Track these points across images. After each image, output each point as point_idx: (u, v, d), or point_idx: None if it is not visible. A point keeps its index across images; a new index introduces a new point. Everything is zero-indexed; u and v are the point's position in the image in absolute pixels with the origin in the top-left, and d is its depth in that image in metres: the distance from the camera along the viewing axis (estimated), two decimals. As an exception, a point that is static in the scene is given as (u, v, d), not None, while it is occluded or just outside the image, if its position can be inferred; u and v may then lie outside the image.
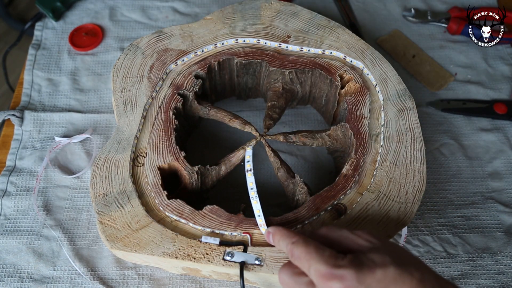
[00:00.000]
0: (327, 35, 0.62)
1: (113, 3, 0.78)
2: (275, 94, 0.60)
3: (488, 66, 0.73)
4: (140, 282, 0.54)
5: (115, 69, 0.60)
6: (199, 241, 0.49)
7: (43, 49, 0.73)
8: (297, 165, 0.64)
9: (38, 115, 0.66)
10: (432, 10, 0.78)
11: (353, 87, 0.58)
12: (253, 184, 0.48)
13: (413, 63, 0.73)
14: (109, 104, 0.68)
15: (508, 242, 0.58)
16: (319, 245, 0.39)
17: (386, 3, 0.80)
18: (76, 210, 0.59)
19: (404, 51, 0.74)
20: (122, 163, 0.54)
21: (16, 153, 0.64)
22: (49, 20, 0.77)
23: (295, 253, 0.40)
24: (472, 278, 0.55)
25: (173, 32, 0.62)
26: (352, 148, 0.55)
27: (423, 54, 0.74)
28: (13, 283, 0.54)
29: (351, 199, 0.52)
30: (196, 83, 0.59)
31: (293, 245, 0.40)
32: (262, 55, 0.60)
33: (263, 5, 0.64)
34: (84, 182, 0.61)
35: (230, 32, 0.62)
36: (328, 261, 0.38)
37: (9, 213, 0.59)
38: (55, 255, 0.56)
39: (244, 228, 0.49)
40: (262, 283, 0.49)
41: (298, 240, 0.40)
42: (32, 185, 0.61)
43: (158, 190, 0.52)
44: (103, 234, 0.49)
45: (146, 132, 0.56)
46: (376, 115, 0.57)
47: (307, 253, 0.39)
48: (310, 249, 0.39)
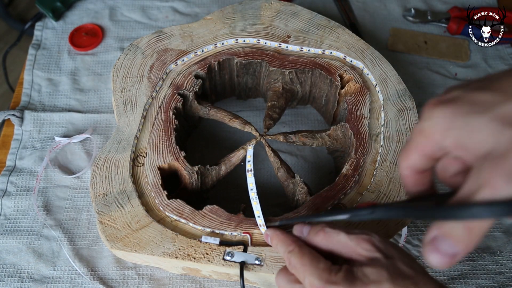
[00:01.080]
0: (327, 35, 0.62)
1: (113, 3, 0.78)
2: (275, 94, 0.60)
3: (488, 66, 0.73)
4: (140, 282, 0.54)
5: (115, 69, 0.60)
6: (199, 241, 0.49)
7: (43, 49, 0.73)
8: (297, 165, 0.64)
9: (38, 115, 0.66)
10: (432, 10, 0.78)
11: (353, 87, 0.58)
12: (253, 185, 0.48)
13: (430, 48, 0.74)
14: (109, 104, 0.68)
15: (508, 242, 0.58)
16: (315, 256, 0.39)
17: (386, 3, 0.80)
18: (76, 210, 0.59)
19: (415, 42, 0.74)
20: (122, 163, 0.54)
21: (16, 153, 0.64)
22: (49, 20, 0.77)
23: (291, 262, 0.40)
24: (472, 278, 0.55)
25: (173, 32, 0.62)
26: (352, 148, 0.55)
27: (431, 36, 0.75)
28: (13, 283, 0.54)
29: (351, 199, 0.52)
30: (196, 83, 0.59)
31: (290, 254, 0.41)
32: (262, 55, 0.60)
33: (263, 5, 0.64)
34: (84, 182, 0.61)
35: (230, 32, 0.62)
36: (321, 275, 0.37)
37: (9, 213, 0.59)
38: (55, 255, 0.56)
39: (244, 228, 0.49)
40: (262, 283, 0.49)
41: (294, 249, 0.40)
42: (32, 185, 0.61)
43: (158, 190, 0.52)
44: (103, 234, 0.49)
45: (146, 132, 0.56)
46: (376, 115, 0.57)
47: (302, 265, 0.39)
48: (305, 261, 0.39)
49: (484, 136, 0.26)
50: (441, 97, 0.30)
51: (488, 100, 0.27)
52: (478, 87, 0.29)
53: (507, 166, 0.25)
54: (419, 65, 0.73)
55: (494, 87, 0.28)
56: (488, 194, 0.26)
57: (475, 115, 0.27)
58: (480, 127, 0.27)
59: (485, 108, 0.27)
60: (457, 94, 0.29)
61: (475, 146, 0.27)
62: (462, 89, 0.29)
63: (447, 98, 0.29)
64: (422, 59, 0.74)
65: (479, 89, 0.28)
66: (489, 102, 0.27)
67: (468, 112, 0.27)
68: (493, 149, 0.26)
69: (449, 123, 0.28)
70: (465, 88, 0.29)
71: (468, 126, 0.27)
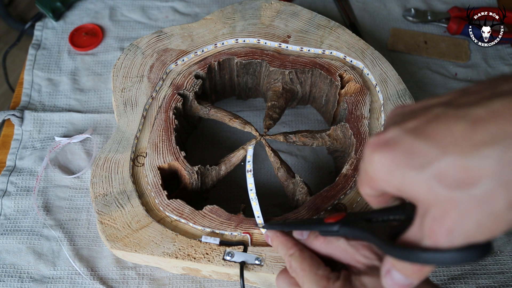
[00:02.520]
0: (327, 35, 0.62)
1: (113, 3, 0.78)
2: (275, 94, 0.60)
3: (488, 66, 0.73)
4: (140, 282, 0.54)
5: (115, 69, 0.60)
6: (199, 241, 0.49)
7: (43, 49, 0.73)
8: (297, 165, 0.64)
9: (38, 115, 0.66)
10: (432, 10, 0.78)
11: (353, 87, 0.58)
12: (253, 186, 0.48)
13: (430, 48, 0.74)
14: (109, 104, 0.68)
15: (508, 242, 0.58)
16: (315, 262, 0.40)
17: (386, 3, 0.80)
18: (76, 210, 0.59)
19: (415, 42, 0.74)
20: (122, 163, 0.54)
21: (16, 153, 0.64)
22: (49, 20, 0.77)
23: (292, 266, 0.40)
24: (472, 278, 0.55)
25: (173, 32, 0.62)
26: (352, 148, 0.55)
27: (431, 36, 0.75)
28: (13, 283, 0.54)
29: (351, 199, 0.52)
30: (196, 83, 0.59)
31: (290, 257, 0.41)
32: (262, 55, 0.60)
33: (263, 5, 0.64)
34: (84, 182, 0.61)
35: (230, 32, 0.62)
36: (319, 283, 0.38)
37: (9, 213, 0.59)
38: (55, 255, 0.56)
39: (244, 228, 0.49)
40: (262, 283, 0.49)
41: (295, 253, 0.41)
42: (32, 185, 0.61)
43: (158, 190, 0.52)
44: (103, 234, 0.49)
45: (146, 132, 0.56)
46: (376, 115, 0.57)
47: (301, 269, 0.39)
48: (305, 266, 0.39)
49: (422, 193, 0.27)
50: (379, 137, 0.29)
51: (425, 153, 0.26)
52: (415, 130, 0.28)
53: (446, 225, 0.26)
54: (419, 65, 0.73)
55: (430, 135, 0.27)
56: (430, 246, 0.28)
57: (412, 170, 0.27)
58: (418, 184, 0.27)
59: (422, 162, 0.26)
60: (395, 136, 0.28)
61: (414, 199, 0.28)
62: (399, 128, 0.28)
63: (385, 139, 0.29)
64: (422, 59, 0.74)
65: (416, 134, 0.27)
66: (426, 156, 0.26)
67: (406, 164, 0.27)
68: (433, 207, 0.27)
69: (388, 173, 0.28)
70: (403, 128, 0.28)
71: (407, 180, 0.27)
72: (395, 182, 0.28)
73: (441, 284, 0.55)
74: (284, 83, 0.61)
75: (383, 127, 0.31)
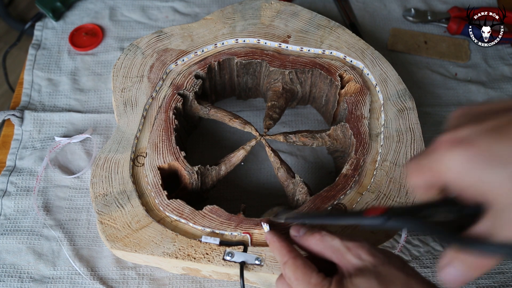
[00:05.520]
0: (327, 35, 0.62)
1: (113, 3, 0.78)
2: (275, 94, 0.60)
3: (488, 66, 0.73)
4: (140, 282, 0.54)
5: (115, 69, 0.60)
6: (199, 241, 0.49)
7: (43, 49, 0.73)
8: (297, 165, 0.64)
9: (38, 115, 0.66)
10: (432, 10, 0.78)
11: (353, 87, 0.58)
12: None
13: (430, 48, 0.74)
14: (109, 104, 0.68)
15: (508, 242, 0.58)
16: (308, 270, 0.40)
17: (386, 3, 0.80)
18: (76, 210, 0.59)
19: (415, 42, 0.74)
20: (122, 163, 0.54)
21: (16, 153, 0.64)
22: (49, 20, 0.77)
23: (286, 274, 0.41)
24: (472, 278, 0.55)
25: (173, 32, 0.62)
26: (352, 148, 0.55)
27: (431, 36, 0.76)
28: (13, 283, 0.54)
29: (351, 199, 0.52)
30: (196, 83, 0.59)
31: (284, 266, 0.42)
32: (262, 55, 0.60)
33: (263, 5, 0.64)
34: (84, 182, 0.61)
35: (230, 32, 0.62)
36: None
37: (9, 213, 0.59)
38: (55, 255, 0.56)
39: (244, 228, 0.49)
40: (262, 283, 0.49)
41: (288, 261, 0.41)
42: (32, 185, 0.61)
43: (158, 190, 0.52)
44: (103, 234, 0.49)
45: (146, 132, 0.56)
46: (376, 115, 0.57)
47: (295, 279, 0.40)
48: (298, 275, 0.40)
49: (501, 192, 0.28)
50: (453, 135, 0.30)
51: (505, 154, 0.28)
52: (493, 130, 0.29)
53: None
54: (419, 65, 0.73)
55: (510, 136, 0.28)
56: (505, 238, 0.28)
57: (491, 169, 0.28)
58: (498, 182, 0.28)
59: (502, 162, 0.28)
60: (470, 136, 0.29)
61: (490, 196, 0.29)
62: (474, 128, 0.29)
63: (460, 138, 0.29)
64: (422, 59, 0.74)
65: (495, 135, 0.28)
66: (506, 156, 0.28)
67: (484, 163, 0.28)
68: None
69: (463, 171, 0.29)
70: (478, 128, 0.29)
71: (484, 179, 0.28)
72: (469, 180, 0.29)
73: (441, 284, 0.55)
74: (284, 83, 0.61)
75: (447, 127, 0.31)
